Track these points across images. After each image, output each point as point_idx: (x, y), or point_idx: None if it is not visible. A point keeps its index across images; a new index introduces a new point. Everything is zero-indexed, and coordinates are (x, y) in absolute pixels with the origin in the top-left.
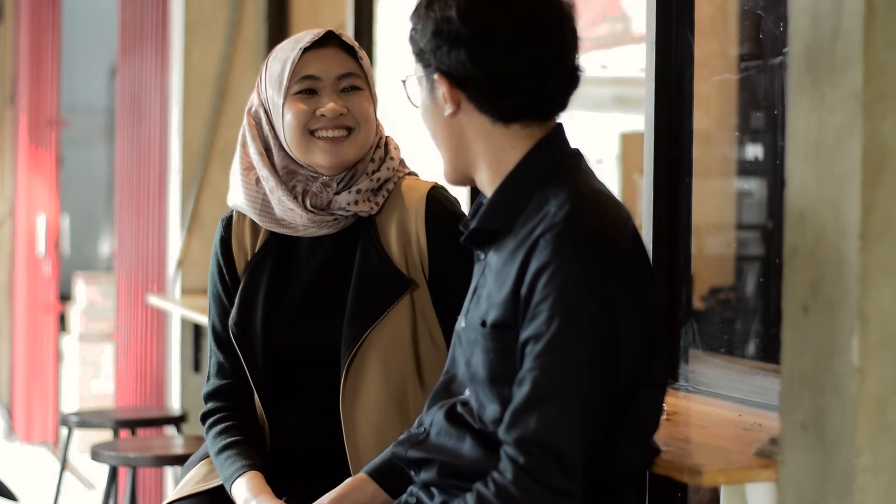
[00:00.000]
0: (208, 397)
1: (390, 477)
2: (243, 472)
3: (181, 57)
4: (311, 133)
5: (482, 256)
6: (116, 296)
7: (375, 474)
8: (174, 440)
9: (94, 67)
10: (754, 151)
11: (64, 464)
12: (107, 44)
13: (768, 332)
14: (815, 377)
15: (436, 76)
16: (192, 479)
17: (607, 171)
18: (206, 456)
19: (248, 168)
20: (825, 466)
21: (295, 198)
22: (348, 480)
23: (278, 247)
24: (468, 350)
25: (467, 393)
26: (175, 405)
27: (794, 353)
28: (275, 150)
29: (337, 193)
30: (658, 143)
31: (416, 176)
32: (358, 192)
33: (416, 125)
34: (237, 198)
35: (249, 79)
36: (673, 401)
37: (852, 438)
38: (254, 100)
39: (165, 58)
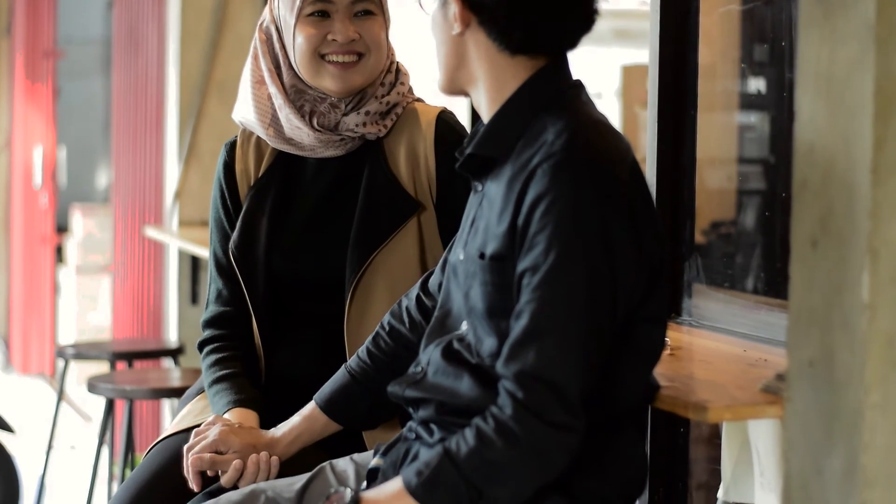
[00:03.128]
0: (206, 324)
1: (342, 409)
2: (231, 408)
3: None
4: (322, 57)
5: (479, 188)
6: (113, 228)
7: (326, 406)
8: (171, 373)
9: None
10: (757, 85)
11: (60, 396)
12: None
13: (773, 266)
14: (824, 313)
15: None
16: (190, 413)
17: (606, 106)
18: (204, 390)
19: (259, 81)
20: (833, 404)
21: (302, 116)
22: (300, 415)
23: (283, 171)
24: (466, 283)
25: (464, 327)
26: (172, 337)
27: (802, 289)
28: (284, 69)
29: (345, 115)
30: (663, 75)
31: (424, 102)
32: (367, 114)
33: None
34: (246, 112)
35: (248, 10)
36: (676, 335)
37: (861, 376)
38: (266, 15)
39: None
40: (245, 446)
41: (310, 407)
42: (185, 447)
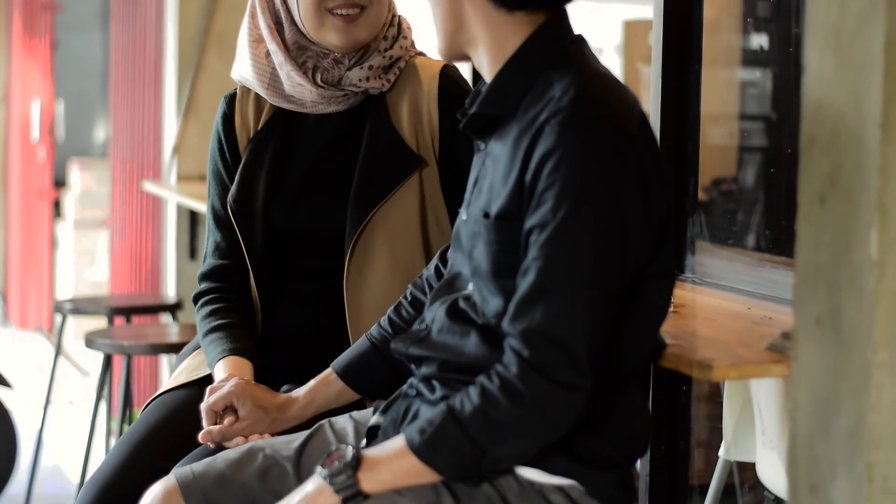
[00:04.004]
0: (203, 277)
1: (358, 375)
2: (224, 356)
3: None
4: (327, 10)
5: (482, 146)
6: (112, 182)
7: (343, 373)
8: (169, 328)
9: None
10: (760, 41)
11: (58, 351)
12: None
13: (776, 223)
14: (831, 271)
15: None
16: (187, 369)
17: (607, 62)
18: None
19: (257, 40)
20: (840, 363)
21: (305, 73)
22: (317, 379)
23: (283, 124)
24: (469, 243)
25: (470, 287)
26: (170, 293)
27: (809, 246)
28: (286, 25)
29: (348, 69)
30: (667, 30)
31: (426, 56)
32: (370, 68)
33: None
34: (244, 70)
35: None
36: (679, 293)
37: (869, 334)
38: None
39: None
40: (256, 408)
41: (326, 372)
42: (201, 405)
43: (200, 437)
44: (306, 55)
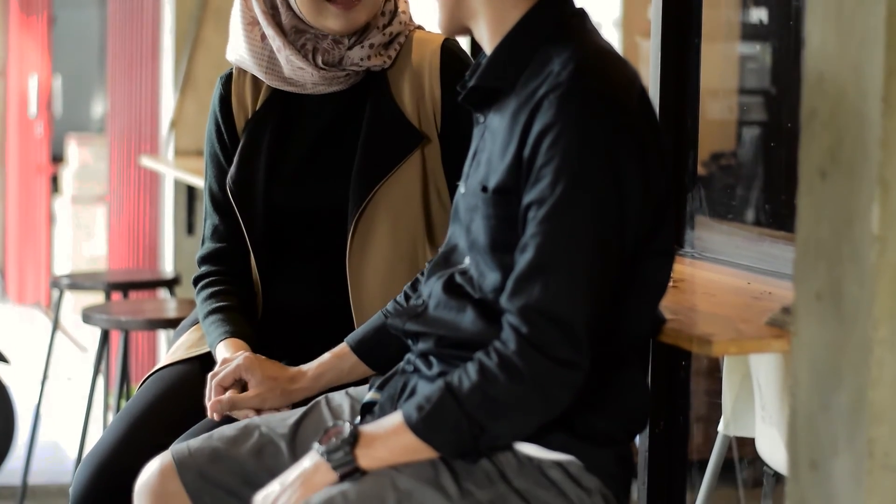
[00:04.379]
0: (202, 261)
1: (372, 350)
2: (226, 338)
3: None
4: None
5: (481, 119)
6: (109, 157)
7: (357, 347)
8: (167, 303)
9: None
10: (759, 14)
11: (55, 326)
12: None
13: (776, 198)
14: (832, 245)
15: None
16: (184, 344)
17: (606, 36)
18: (199, 321)
19: (251, 23)
20: (841, 338)
21: (305, 56)
22: (330, 352)
23: (282, 104)
24: (467, 217)
25: (467, 261)
26: (168, 268)
27: (810, 221)
28: (282, 10)
29: (349, 49)
30: (666, 4)
31: (424, 29)
32: (370, 46)
33: None
34: (240, 53)
35: None
36: (679, 267)
37: (870, 310)
38: None
39: None
40: (267, 378)
41: (340, 346)
42: (210, 375)
43: (209, 406)
44: (305, 38)
